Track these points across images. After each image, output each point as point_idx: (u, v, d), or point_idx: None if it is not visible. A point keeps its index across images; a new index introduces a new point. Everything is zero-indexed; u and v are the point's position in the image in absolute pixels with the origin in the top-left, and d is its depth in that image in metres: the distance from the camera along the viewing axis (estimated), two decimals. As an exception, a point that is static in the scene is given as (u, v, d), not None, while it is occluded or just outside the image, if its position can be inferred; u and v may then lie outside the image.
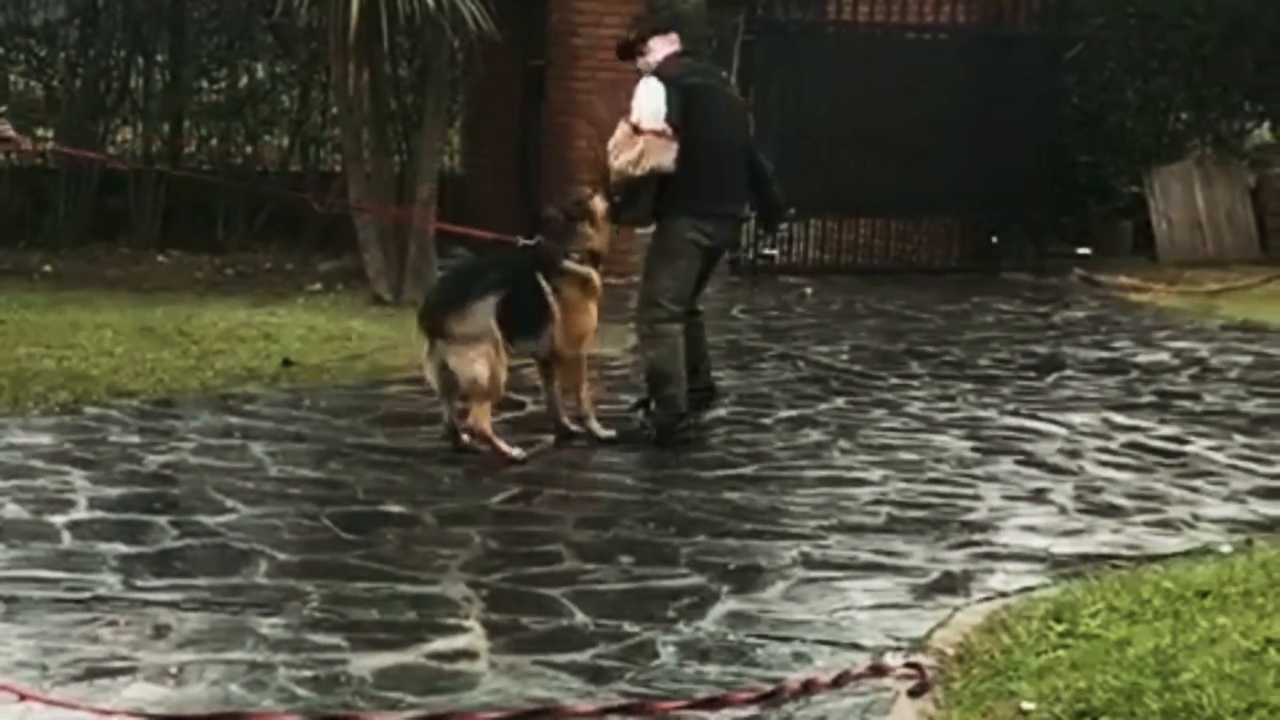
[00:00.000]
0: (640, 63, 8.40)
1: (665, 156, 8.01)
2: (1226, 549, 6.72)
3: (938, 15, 15.94)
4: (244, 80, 15.35)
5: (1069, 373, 10.85)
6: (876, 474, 7.83)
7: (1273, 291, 14.84)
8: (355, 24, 11.38)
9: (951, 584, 6.16)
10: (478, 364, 7.64)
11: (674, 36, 8.39)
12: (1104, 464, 8.25)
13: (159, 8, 14.51)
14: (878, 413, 9.31)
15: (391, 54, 13.22)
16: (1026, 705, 4.82)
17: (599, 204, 8.19)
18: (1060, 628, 5.50)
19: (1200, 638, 5.29)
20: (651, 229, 8.46)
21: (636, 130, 8.03)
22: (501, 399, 8.02)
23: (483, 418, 7.73)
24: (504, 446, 7.74)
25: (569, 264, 8.04)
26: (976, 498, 7.48)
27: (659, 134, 7.99)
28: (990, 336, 12.34)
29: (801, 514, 7.05)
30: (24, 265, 13.00)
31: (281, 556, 6.13)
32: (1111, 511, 7.33)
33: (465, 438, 7.87)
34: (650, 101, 8.06)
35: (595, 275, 8.15)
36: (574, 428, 8.26)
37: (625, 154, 8.02)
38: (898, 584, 6.13)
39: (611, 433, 8.31)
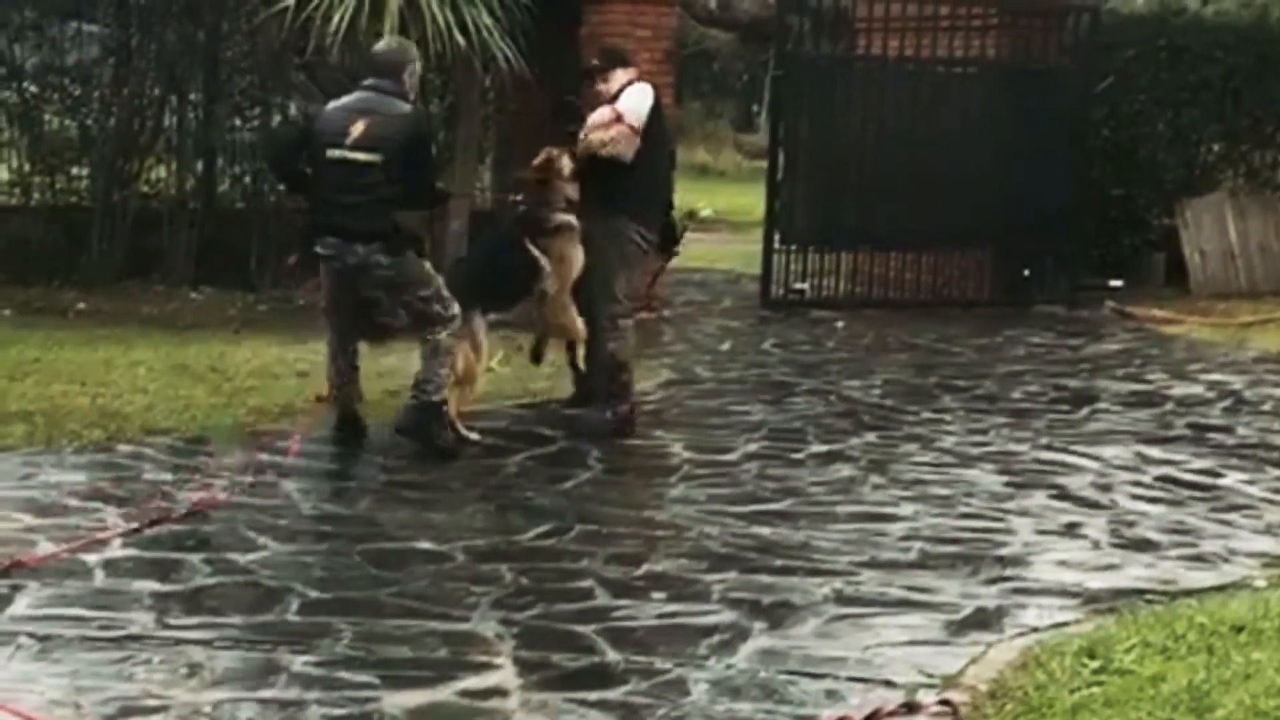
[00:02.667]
0: (600, 87, 9.32)
1: (628, 149, 9.00)
2: (1261, 583, 6.69)
3: (967, 49, 15.95)
4: (277, 119, 15.42)
5: (1102, 406, 10.82)
6: (908, 509, 7.82)
7: (1306, 323, 14.80)
8: (386, 62, 11.43)
9: (984, 620, 6.14)
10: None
11: (632, 70, 9.44)
12: (1137, 498, 8.22)
13: (192, 47, 14.58)
14: (910, 447, 9.29)
15: (423, 91, 13.27)
16: (1060, 742, 4.81)
17: (566, 161, 9.10)
18: (1094, 664, 5.48)
19: (1235, 673, 5.26)
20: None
21: (618, 118, 8.97)
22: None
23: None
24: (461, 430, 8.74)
25: (556, 215, 9.00)
26: (1009, 532, 7.46)
27: (633, 129, 8.97)
28: (1022, 370, 12.31)
29: (833, 549, 7.04)
30: (59, 303, 13.06)
31: (313, 594, 6.14)
32: (1145, 546, 7.30)
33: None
34: (641, 101, 9.06)
35: (576, 222, 9.04)
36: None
37: (600, 133, 9.01)
38: (930, 620, 6.12)
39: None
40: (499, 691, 5.23)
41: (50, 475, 7.78)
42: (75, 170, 14.69)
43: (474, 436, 8.85)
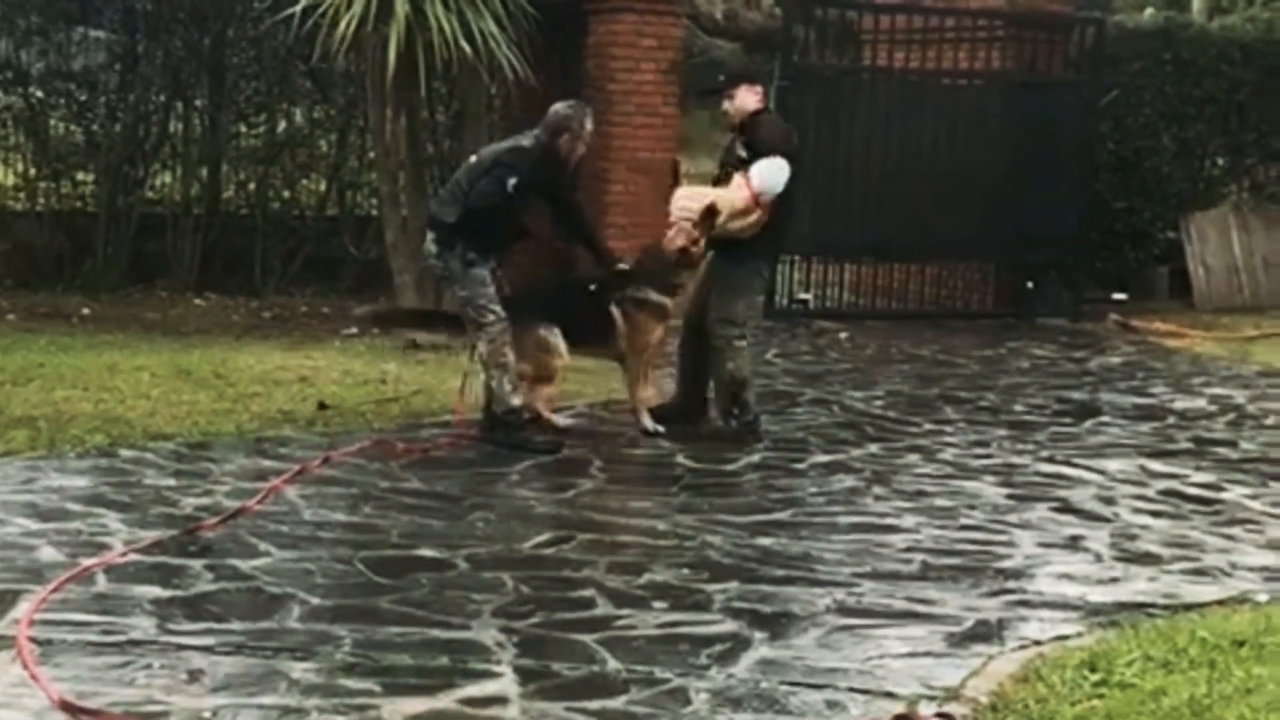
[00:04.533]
0: (726, 104, 9.50)
1: (757, 229, 9.18)
2: (1263, 598, 6.68)
3: (973, 61, 15.97)
4: (282, 125, 15.44)
5: (1105, 419, 10.82)
6: (910, 520, 7.82)
7: (1310, 338, 14.81)
8: (392, 69, 11.46)
9: (986, 632, 6.14)
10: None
11: (758, 87, 9.62)
12: (1140, 511, 8.22)
13: (198, 53, 14.61)
14: (912, 458, 9.29)
15: (429, 99, 13.31)
16: (1061, 755, 4.80)
17: (701, 250, 9.28)
18: (1095, 677, 5.48)
19: (1236, 688, 5.26)
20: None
21: (756, 201, 9.08)
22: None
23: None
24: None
25: (652, 294, 9.33)
26: (1011, 545, 7.45)
27: (766, 208, 9.12)
28: (1025, 382, 12.31)
29: (835, 560, 7.04)
30: (63, 308, 13.08)
31: (315, 600, 6.14)
32: (1147, 559, 7.29)
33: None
34: (778, 181, 9.10)
35: (670, 304, 9.45)
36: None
37: (741, 220, 9.12)
38: (932, 632, 6.11)
39: (659, 427, 9.45)
40: (499, 700, 5.22)
41: (53, 480, 7.79)
42: (80, 175, 14.73)
43: (565, 423, 9.43)
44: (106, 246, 14.14)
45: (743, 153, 9.28)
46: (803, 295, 15.63)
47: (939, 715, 5.17)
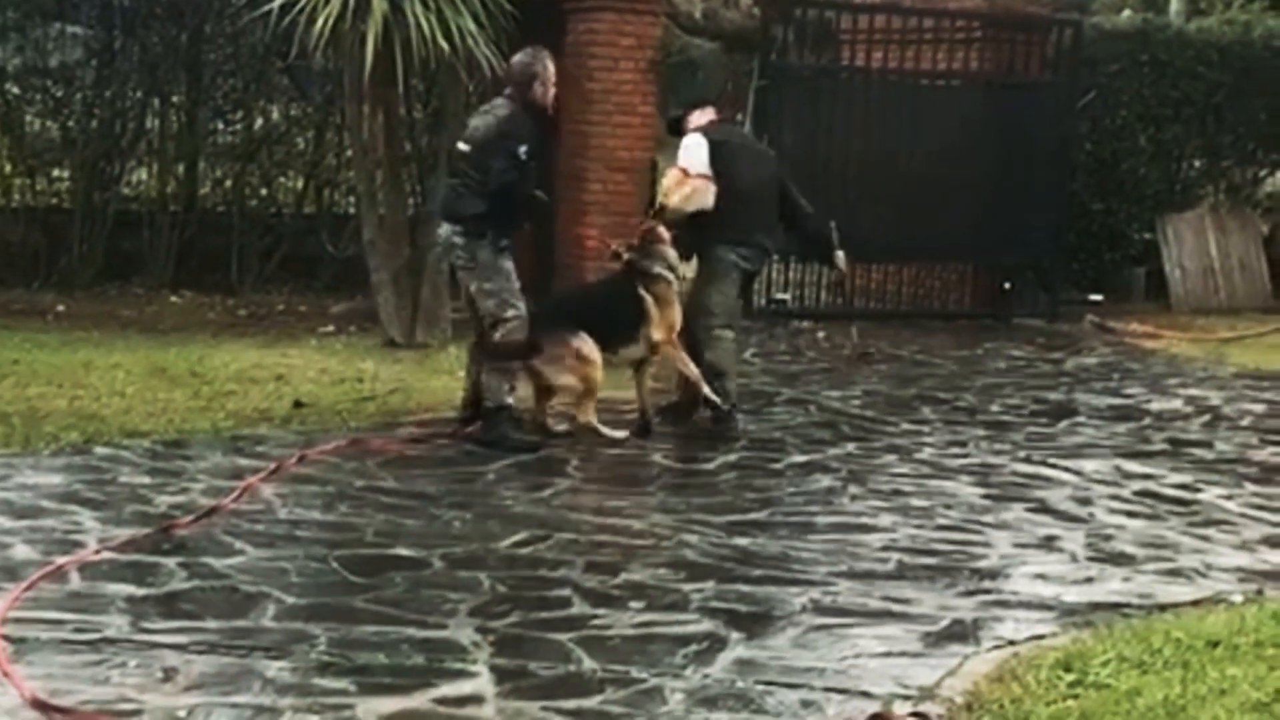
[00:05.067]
0: (685, 126, 10.01)
1: (708, 197, 9.58)
2: (1237, 598, 6.70)
3: (951, 62, 15.98)
4: (259, 122, 15.39)
5: (1081, 419, 10.84)
6: (887, 520, 7.82)
7: (1285, 339, 14.86)
8: (370, 67, 11.43)
9: (961, 632, 6.15)
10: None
11: (709, 109, 10.13)
12: (1115, 511, 8.24)
13: (176, 49, 14.55)
14: (889, 458, 9.30)
15: (406, 97, 13.26)
16: (1036, 755, 4.81)
17: (663, 231, 9.63)
18: (1070, 677, 5.49)
19: (1210, 688, 5.27)
20: (693, 263, 10.00)
21: (686, 174, 9.60)
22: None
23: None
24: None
25: (657, 268, 9.51)
26: (987, 545, 7.46)
27: (704, 178, 9.57)
28: (1002, 382, 12.33)
29: (811, 560, 7.04)
30: (38, 305, 13.03)
31: (289, 599, 6.13)
32: (1122, 560, 7.31)
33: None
34: (696, 152, 9.65)
35: (676, 282, 9.61)
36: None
37: (678, 193, 9.62)
38: (907, 631, 6.12)
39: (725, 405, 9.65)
40: (475, 699, 5.22)
41: (27, 477, 7.76)
42: (56, 172, 14.67)
43: (620, 435, 9.38)
44: (82, 243, 14.08)
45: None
46: (781, 295, 15.63)
47: (914, 715, 5.18)
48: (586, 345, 9.21)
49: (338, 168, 15.30)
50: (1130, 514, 8.20)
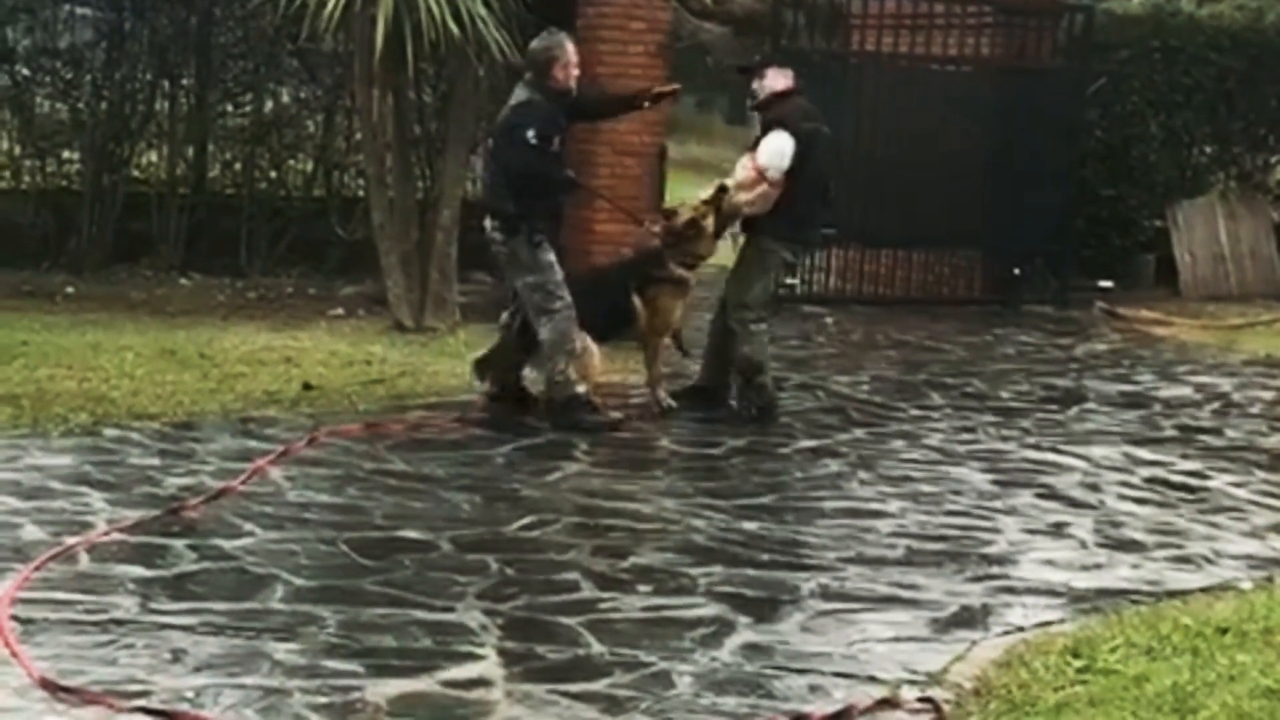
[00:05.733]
0: (755, 84, 9.68)
1: (769, 204, 9.33)
2: (1246, 585, 6.71)
3: (961, 48, 15.94)
4: (269, 105, 15.37)
5: (1090, 406, 10.83)
6: (895, 506, 7.82)
7: (1295, 327, 14.84)
8: (380, 50, 11.41)
9: (969, 618, 6.15)
10: None
11: (789, 71, 9.79)
12: (1124, 498, 8.24)
13: (185, 32, 14.53)
14: (897, 444, 9.29)
15: (416, 80, 13.23)
16: (1043, 741, 4.81)
17: (709, 224, 9.43)
18: (1078, 663, 5.49)
19: (1219, 675, 5.27)
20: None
21: (761, 175, 9.26)
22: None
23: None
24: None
25: (674, 269, 9.42)
26: (995, 531, 7.46)
27: (775, 184, 9.26)
28: (1011, 369, 12.31)
29: (820, 545, 7.04)
30: (47, 287, 13.02)
31: (298, 581, 6.13)
32: (1131, 546, 7.31)
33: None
34: (780, 157, 9.27)
35: (691, 278, 9.53)
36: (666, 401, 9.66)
37: (747, 194, 9.34)
38: (915, 617, 6.12)
39: (672, 402, 9.64)
40: (483, 682, 5.22)
41: (36, 458, 7.76)
42: (66, 154, 14.64)
43: (617, 416, 9.35)
44: (91, 225, 14.06)
45: (758, 130, 9.54)
46: (788, 280, 15.60)
47: (922, 700, 5.18)
48: (584, 340, 9.19)
49: (347, 151, 15.26)
50: (1139, 501, 8.19)
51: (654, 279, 9.48)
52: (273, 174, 15.16)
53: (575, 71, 9.30)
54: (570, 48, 9.27)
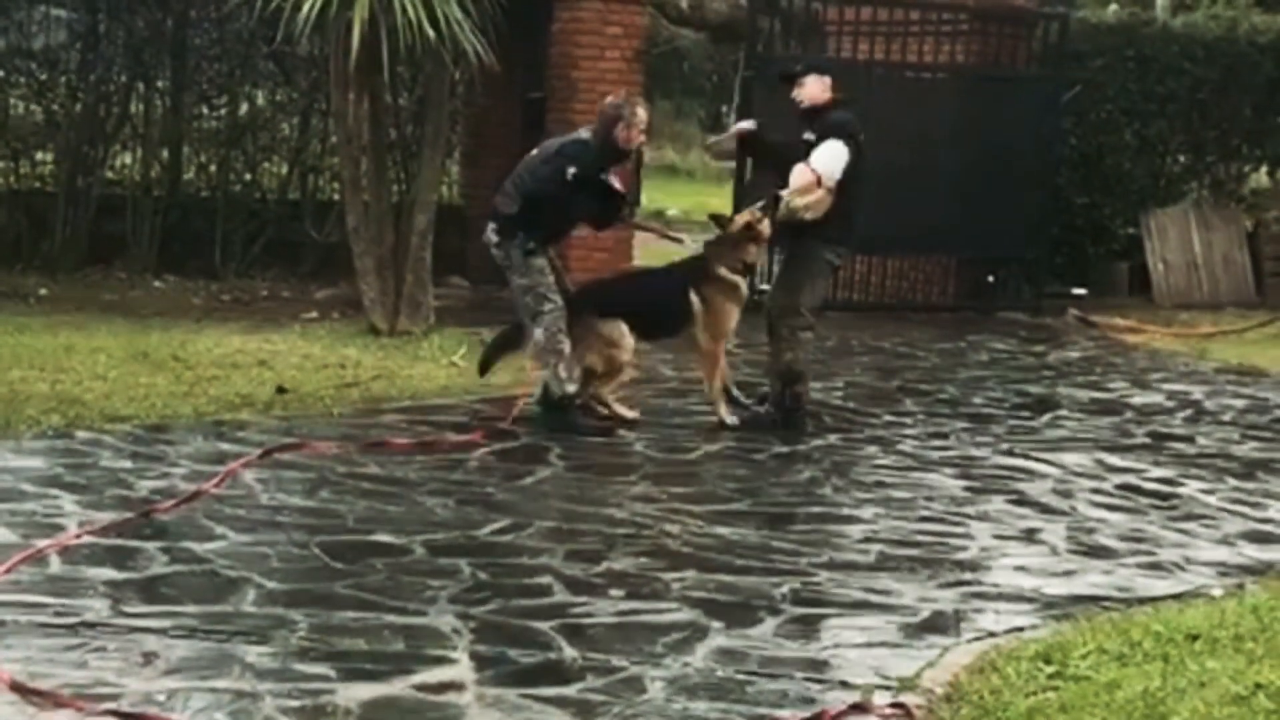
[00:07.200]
0: (796, 91, 9.67)
1: (823, 211, 9.38)
2: (1217, 592, 6.72)
3: (937, 55, 15.99)
4: (244, 108, 15.36)
5: (1063, 413, 10.86)
6: (868, 511, 7.83)
7: (1268, 335, 14.91)
8: (356, 53, 11.41)
9: (941, 623, 6.16)
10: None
11: (828, 79, 9.76)
12: (1096, 505, 8.25)
13: (160, 34, 14.53)
14: (871, 450, 9.31)
15: (392, 84, 13.24)
16: (1014, 746, 4.82)
17: (766, 226, 9.53)
18: (1050, 669, 5.50)
19: (1190, 681, 5.28)
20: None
21: (817, 181, 9.31)
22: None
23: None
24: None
25: (725, 271, 9.50)
26: (968, 537, 7.47)
27: (830, 191, 9.33)
28: (985, 375, 12.35)
29: (792, 550, 7.04)
30: (20, 288, 12.99)
31: (270, 585, 6.12)
32: (1103, 553, 7.33)
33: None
34: (836, 164, 9.38)
35: (743, 284, 9.64)
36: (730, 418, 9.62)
37: (804, 199, 9.34)
38: (888, 622, 6.12)
39: (735, 419, 9.60)
40: (455, 686, 5.21)
41: (7, 460, 7.73)
42: (40, 155, 14.62)
43: (633, 415, 9.56)
44: (65, 227, 14.04)
45: (810, 136, 9.53)
46: (764, 286, 15.60)
47: (894, 706, 5.18)
48: (613, 329, 9.34)
49: (322, 154, 15.27)
50: (1111, 507, 8.21)
51: (712, 277, 9.53)
52: (248, 177, 15.16)
53: (640, 138, 9.46)
54: (643, 114, 9.38)
